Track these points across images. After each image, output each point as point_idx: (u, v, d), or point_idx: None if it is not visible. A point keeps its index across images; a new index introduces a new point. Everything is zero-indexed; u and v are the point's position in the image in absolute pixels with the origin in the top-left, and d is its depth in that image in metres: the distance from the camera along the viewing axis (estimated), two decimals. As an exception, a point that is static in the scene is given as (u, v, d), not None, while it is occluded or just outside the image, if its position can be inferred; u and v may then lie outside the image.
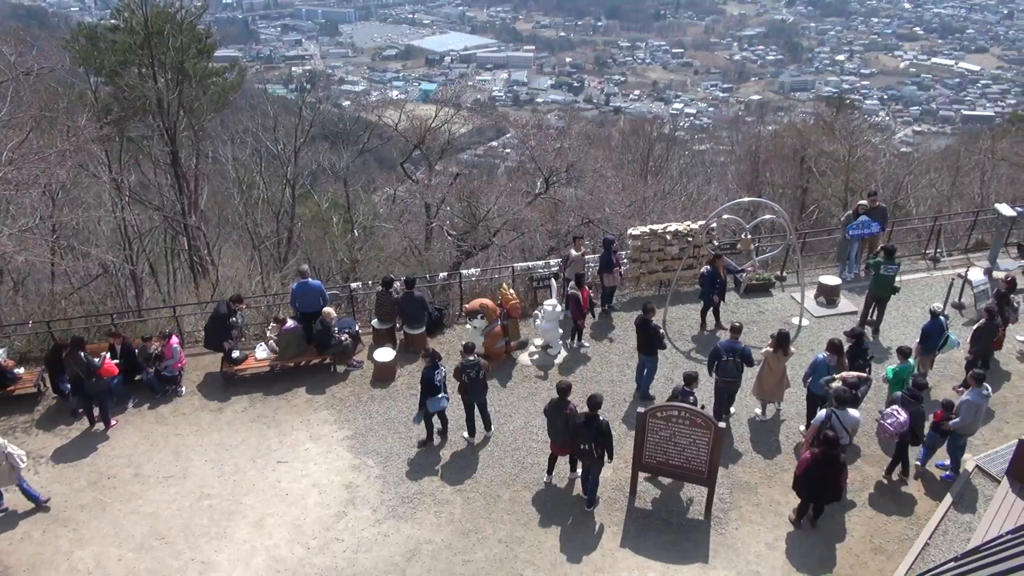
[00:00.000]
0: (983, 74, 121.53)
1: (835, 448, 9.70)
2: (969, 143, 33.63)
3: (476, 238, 21.59)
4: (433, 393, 11.62)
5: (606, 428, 10.37)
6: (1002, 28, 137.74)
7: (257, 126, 26.07)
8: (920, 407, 10.66)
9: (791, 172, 29.56)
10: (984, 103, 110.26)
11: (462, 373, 11.65)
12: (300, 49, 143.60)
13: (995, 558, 5.04)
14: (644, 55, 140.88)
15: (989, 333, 12.66)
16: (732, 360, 11.81)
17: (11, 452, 10.57)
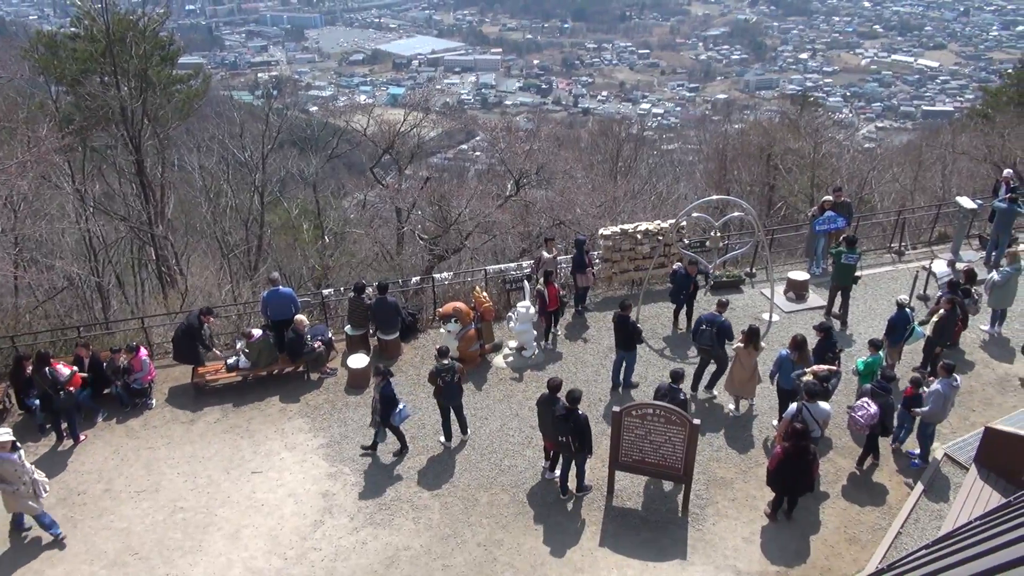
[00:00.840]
0: (941, 70, 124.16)
1: (804, 440, 9.84)
2: (930, 138, 34.29)
3: (448, 242, 21.55)
4: (395, 406, 11.54)
5: (584, 422, 10.48)
6: (959, 25, 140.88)
7: (224, 133, 25.77)
8: (889, 399, 10.86)
9: (758, 170, 29.91)
10: (943, 99, 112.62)
11: (437, 377, 11.63)
12: (266, 55, 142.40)
13: (966, 544, 5.15)
14: (611, 56, 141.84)
15: (951, 323, 12.92)
16: (709, 330, 12.48)
17: (37, 479, 10.20)
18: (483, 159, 47.76)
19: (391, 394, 11.45)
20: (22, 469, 10.00)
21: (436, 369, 11.69)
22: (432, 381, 11.77)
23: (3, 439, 9.94)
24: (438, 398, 11.94)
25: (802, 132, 28.00)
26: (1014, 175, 19.15)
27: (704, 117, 79.63)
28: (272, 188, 25.84)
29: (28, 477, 10.05)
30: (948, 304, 12.83)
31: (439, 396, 11.89)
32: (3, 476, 9.92)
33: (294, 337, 13.54)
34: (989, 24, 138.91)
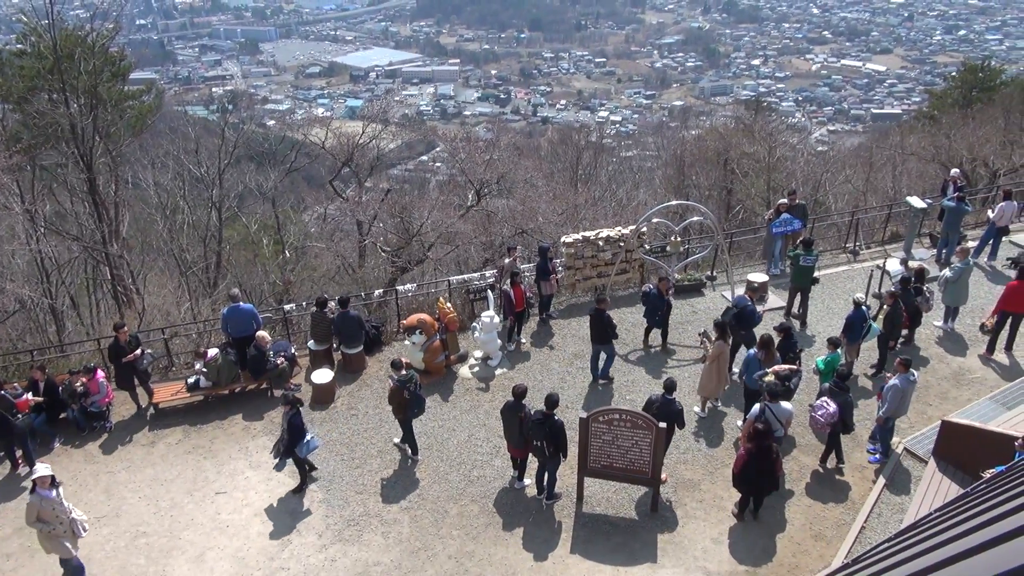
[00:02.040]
0: (889, 74, 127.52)
1: (767, 440, 9.99)
2: (880, 140, 35.22)
3: (410, 253, 21.46)
4: (303, 437, 11.19)
5: (560, 427, 10.54)
6: (904, 30, 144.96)
7: (178, 149, 25.37)
8: (847, 396, 11.07)
9: (715, 174, 30.36)
10: (892, 101, 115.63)
11: (403, 390, 11.53)
12: (220, 69, 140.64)
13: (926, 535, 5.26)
14: (568, 65, 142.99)
15: (897, 316, 13.22)
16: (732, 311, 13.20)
17: (76, 518, 9.73)
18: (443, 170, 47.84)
19: (300, 424, 11.13)
20: (60, 508, 9.55)
21: (400, 381, 11.55)
22: (396, 397, 11.59)
23: (42, 474, 9.45)
24: (402, 413, 11.78)
25: (757, 137, 28.51)
26: (961, 174, 19.74)
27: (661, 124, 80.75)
28: (230, 203, 25.48)
29: (66, 517, 9.59)
30: (891, 298, 13.16)
31: (404, 410, 11.74)
32: (41, 515, 9.45)
33: (256, 354, 13.34)
34: (933, 29, 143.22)
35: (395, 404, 11.71)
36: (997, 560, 2.87)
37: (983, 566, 2.94)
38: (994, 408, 12.17)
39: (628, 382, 13.82)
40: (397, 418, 11.92)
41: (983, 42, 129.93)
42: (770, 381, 11.06)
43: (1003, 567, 2.65)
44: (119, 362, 12.93)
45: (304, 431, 11.22)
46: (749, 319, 13.13)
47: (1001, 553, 3.01)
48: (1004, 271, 16.57)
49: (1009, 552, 2.93)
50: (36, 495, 9.42)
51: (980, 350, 14.15)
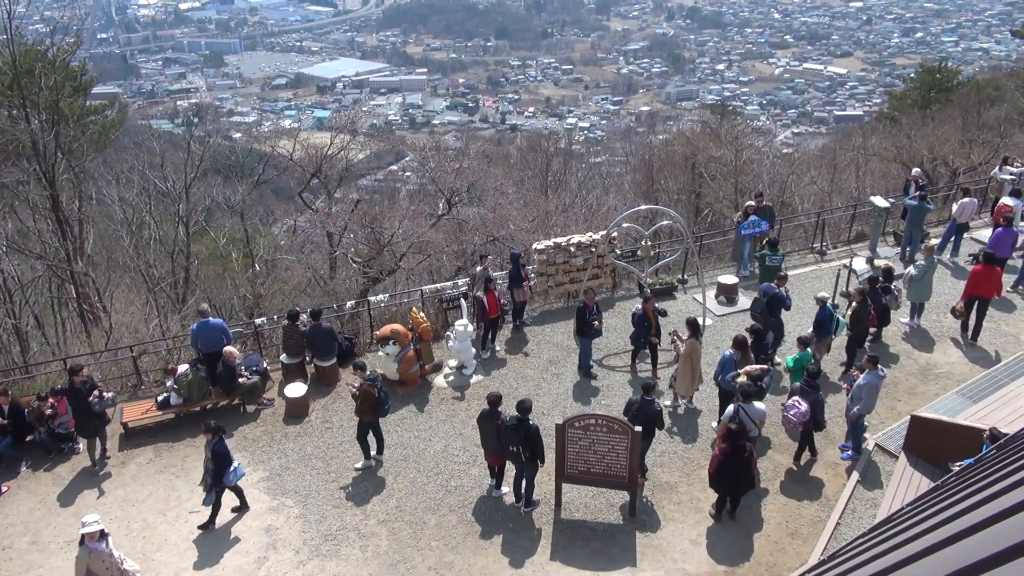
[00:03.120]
0: (850, 76, 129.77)
1: (738, 440, 10.07)
2: (843, 141, 35.82)
3: (382, 264, 21.35)
4: (229, 465, 10.85)
5: (535, 432, 10.53)
6: (863, 33, 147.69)
7: (144, 164, 24.99)
8: (818, 394, 11.24)
9: (684, 178, 30.66)
10: (853, 103, 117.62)
11: (374, 389, 11.53)
12: (185, 82, 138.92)
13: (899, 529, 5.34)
14: (535, 73, 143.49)
15: (864, 314, 13.44)
16: (761, 300, 13.55)
17: (127, 569, 9.46)
18: (413, 179, 47.71)
19: (224, 452, 10.78)
20: (111, 560, 9.30)
21: (369, 380, 11.59)
22: (369, 398, 11.50)
23: (91, 529, 9.18)
24: (372, 414, 11.72)
25: (723, 140, 28.85)
26: (922, 174, 20.15)
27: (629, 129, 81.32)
28: (197, 218, 25.14)
29: (117, 569, 9.33)
30: (859, 296, 13.38)
31: (375, 410, 11.68)
32: (91, 568, 9.18)
33: (224, 370, 13.17)
34: (891, 32, 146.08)
35: (367, 406, 11.61)
36: (968, 551, 2.92)
37: (954, 557, 2.99)
38: (961, 402, 12.41)
39: (604, 386, 13.87)
40: (365, 420, 11.80)
41: (939, 44, 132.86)
42: (743, 382, 11.17)
43: (973, 558, 2.70)
44: (78, 408, 12.03)
45: (230, 459, 10.88)
46: (780, 305, 13.49)
47: (971, 544, 3.07)
48: (967, 267, 16.92)
49: (979, 542, 2.99)
50: (85, 548, 9.18)
51: (947, 345, 14.43)
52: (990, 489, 4.13)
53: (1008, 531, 2.79)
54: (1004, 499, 3.53)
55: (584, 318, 13.59)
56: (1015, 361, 13.48)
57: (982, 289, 14.07)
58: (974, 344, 14.42)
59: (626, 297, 16.88)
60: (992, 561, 2.57)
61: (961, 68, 50.68)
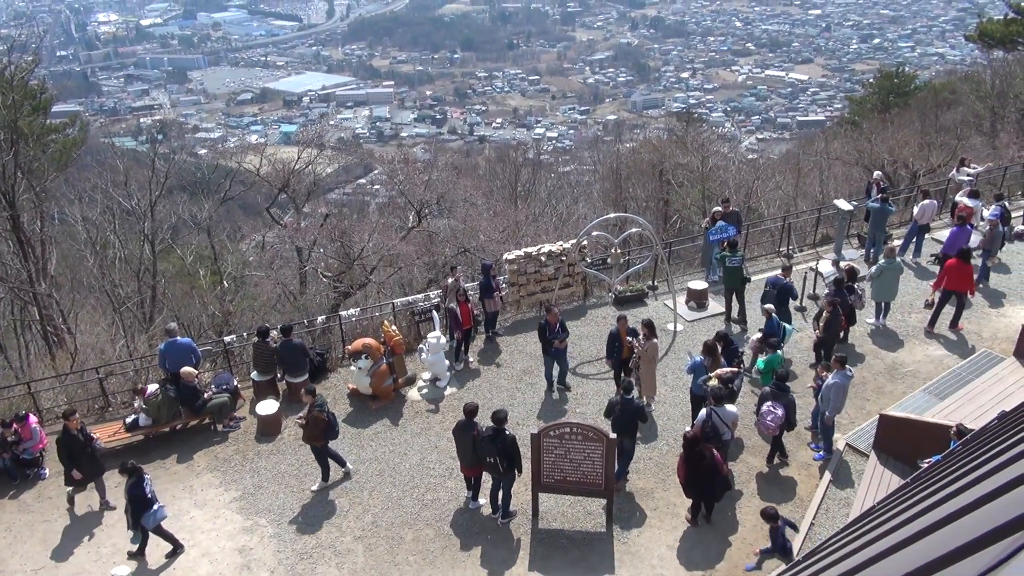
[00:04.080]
0: (811, 83, 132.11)
1: (695, 446, 10.11)
2: (806, 146, 36.45)
3: (353, 278, 21.22)
4: (148, 507, 10.37)
5: (512, 442, 10.53)
6: (822, 40, 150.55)
7: (107, 182, 24.60)
8: (789, 396, 11.38)
9: (652, 186, 30.92)
10: (815, 109, 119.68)
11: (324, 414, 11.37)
12: (148, 99, 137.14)
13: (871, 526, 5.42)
14: (502, 84, 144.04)
15: (835, 322, 13.63)
16: (772, 292, 13.95)
17: None
18: (383, 192, 47.54)
19: (140, 495, 10.26)
20: None
21: (319, 405, 11.41)
22: (320, 424, 11.28)
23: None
24: (320, 440, 11.48)
25: (689, 147, 29.18)
26: (883, 176, 20.56)
27: (597, 138, 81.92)
28: (163, 235, 24.80)
29: None
30: (830, 305, 13.57)
31: (322, 437, 11.44)
32: None
33: (184, 390, 12.93)
34: (849, 38, 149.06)
35: (318, 431, 11.33)
36: (938, 544, 2.97)
37: (925, 551, 3.04)
38: (928, 399, 12.64)
39: (578, 395, 13.90)
40: (316, 446, 11.57)
41: (896, 50, 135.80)
42: (714, 386, 11.27)
43: (944, 550, 2.75)
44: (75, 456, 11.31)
45: (150, 501, 10.36)
46: (788, 295, 14.13)
47: (941, 537, 3.13)
48: (929, 267, 17.28)
49: (949, 535, 3.04)
50: None
51: (913, 344, 14.69)
52: (958, 483, 4.21)
53: (976, 523, 2.85)
54: (971, 492, 3.60)
55: (545, 336, 13.44)
56: (978, 358, 13.76)
57: (953, 283, 14.46)
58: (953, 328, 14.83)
59: (597, 305, 16.95)
60: (961, 552, 2.62)
61: (918, 73, 51.89)
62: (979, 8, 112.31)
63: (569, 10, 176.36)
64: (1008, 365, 13.18)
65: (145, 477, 10.42)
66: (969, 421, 10.44)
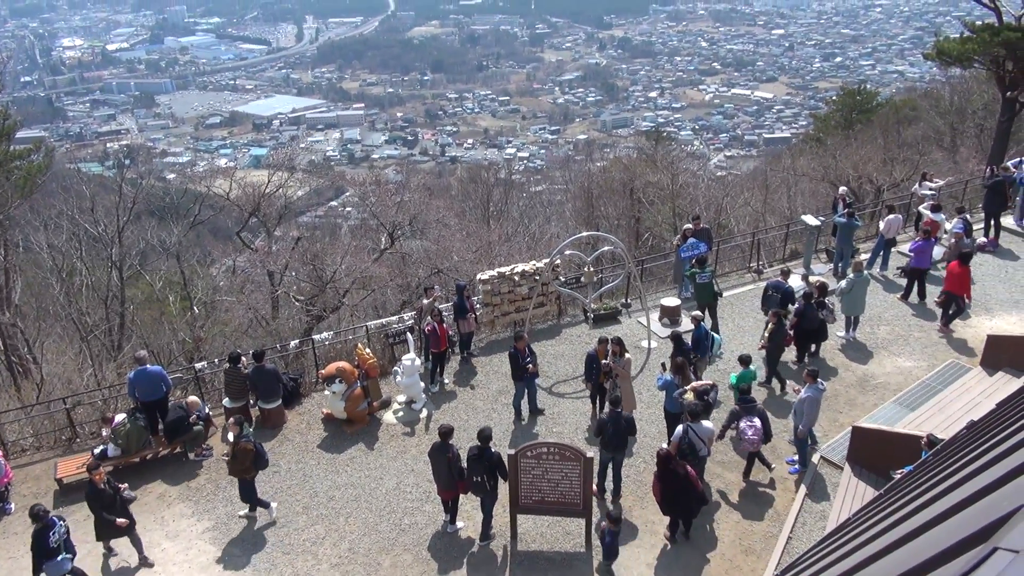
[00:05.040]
0: (776, 100, 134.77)
1: (669, 464, 10.13)
2: (773, 163, 37.06)
3: (325, 301, 21.07)
4: (51, 557, 9.62)
5: (498, 459, 10.55)
6: (786, 59, 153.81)
7: (73, 208, 24.23)
8: (759, 407, 11.52)
9: (623, 204, 31.19)
10: (781, 126, 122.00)
11: (253, 446, 11.13)
12: (114, 124, 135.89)
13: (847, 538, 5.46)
14: (473, 105, 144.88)
15: (779, 335, 13.79)
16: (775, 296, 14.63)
17: None
18: (355, 214, 47.38)
19: (44, 544, 9.55)
20: None
21: (245, 436, 11.13)
22: (248, 455, 10.97)
23: None
24: (253, 471, 11.24)
25: (659, 165, 29.53)
26: (848, 192, 20.94)
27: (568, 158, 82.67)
28: (131, 262, 24.45)
29: None
30: (774, 317, 13.74)
31: (251, 468, 11.19)
32: None
33: (177, 419, 12.74)
34: (812, 57, 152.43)
35: (247, 463, 11.05)
36: (913, 554, 3.00)
37: (901, 560, 3.07)
38: (899, 411, 12.82)
39: (554, 414, 13.88)
40: (246, 479, 11.27)
41: (858, 68, 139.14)
42: (690, 401, 11.34)
43: (919, 559, 2.78)
44: (101, 513, 10.52)
45: (55, 551, 9.64)
46: (789, 299, 14.83)
47: (916, 546, 3.16)
48: (896, 280, 17.59)
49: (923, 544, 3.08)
50: None
51: (882, 356, 14.90)
52: (929, 494, 4.27)
53: (948, 533, 2.89)
54: (943, 502, 3.65)
55: (517, 363, 13.27)
56: (946, 368, 14.01)
57: (954, 286, 15.05)
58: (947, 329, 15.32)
59: (572, 324, 17.00)
60: (936, 561, 2.65)
61: (879, 90, 53.12)
62: (936, 27, 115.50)
63: (538, 32, 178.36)
64: (975, 375, 13.44)
65: (58, 526, 9.76)
66: (939, 431, 10.61)
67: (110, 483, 10.66)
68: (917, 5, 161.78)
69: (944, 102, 36.36)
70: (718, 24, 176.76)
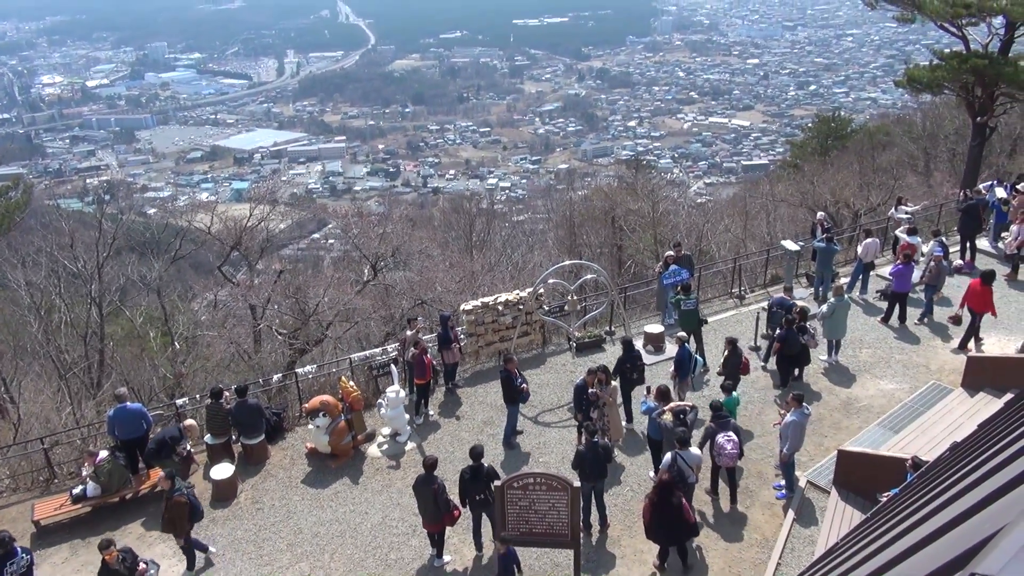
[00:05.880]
0: (753, 128, 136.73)
1: (668, 493, 10.06)
2: (752, 189, 37.51)
3: (308, 334, 20.94)
4: None
5: (493, 472, 10.65)
6: (761, 88, 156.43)
7: (51, 245, 24.01)
8: (733, 421, 11.65)
9: (605, 232, 31.38)
10: (758, 153, 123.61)
11: (187, 497, 10.77)
12: (94, 160, 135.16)
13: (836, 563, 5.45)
14: (454, 136, 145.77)
15: (734, 362, 13.81)
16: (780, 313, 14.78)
17: None
18: (337, 246, 47.37)
19: None
20: None
21: (177, 490, 10.66)
22: (181, 509, 10.57)
23: None
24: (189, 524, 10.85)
25: (640, 193, 29.79)
26: (826, 216, 21.23)
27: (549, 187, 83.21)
28: (111, 298, 24.21)
29: None
30: (728, 345, 13.83)
31: (188, 520, 10.80)
32: None
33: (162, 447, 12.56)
34: (787, 85, 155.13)
35: (181, 517, 10.67)
36: (898, 581, 3.01)
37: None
38: (883, 433, 12.88)
39: (540, 443, 13.81)
40: (183, 533, 10.91)
41: (832, 95, 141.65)
42: (669, 423, 11.38)
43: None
44: None
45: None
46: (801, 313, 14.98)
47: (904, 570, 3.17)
48: (876, 303, 17.76)
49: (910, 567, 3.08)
50: None
51: (865, 379, 14.99)
52: (914, 517, 4.28)
53: (931, 556, 2.90)
54: (927, 525, 3.66)
55: (511, 385, 13.28)
56: (928, 390, 14.12)
57: (974, 304, 15.20)
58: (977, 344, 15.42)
59: (556, 352, 16.99)
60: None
61: (853, 117, 54.15)
62: (906, 55, 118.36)
63: (517, 64, 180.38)
64: (957, 396, 13.55)
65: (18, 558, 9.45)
66: (923, 453, 10.66)
67: (124, 561, 9.94)
68: (887, 34, 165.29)
69: (917, 127, 37.08)
70: (694, 54, 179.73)
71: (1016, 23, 22.96)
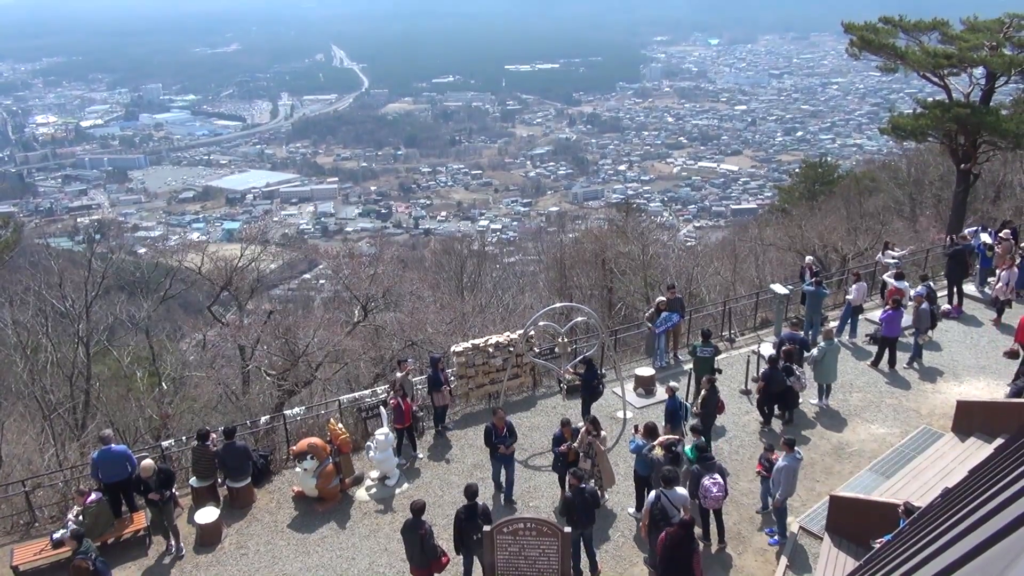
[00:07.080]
0: (741, 173, 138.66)
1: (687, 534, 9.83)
2: (741, 233, 37.89)
3: (297, 375, 20.80)
4: None
5: (486, 510, 10.55)
6: (749, 133, 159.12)
7: (40, 284, 23.88)
8: (718, 463, 11.60)
9: (595, 274, 31.52)
10: (747, 197, 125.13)
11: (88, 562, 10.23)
12: (86, 199, 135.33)
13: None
14: (446, 178, 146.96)
15: (712, 402, 13.74)
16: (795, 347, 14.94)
17: None
18: (328, 287, 47.29)
19: None
20: None
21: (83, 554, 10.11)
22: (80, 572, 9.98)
23: None
24: None
25: (630, 236, 30.02)
26: (815, 260, 21.41)
27: (540, 229, 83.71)
28: (99, 337, 24.03)
29: None
30: (707, 383, 13.77)
31: None
32: None
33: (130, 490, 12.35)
34: (774, 132, 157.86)
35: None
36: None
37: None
38: (875, 479, 12.82)
39: (530, 488, 13.67)
40: None
41: (818, 141, 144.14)
42: (659, 460, 11.31)
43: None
44: None
45: None
46: (805, 347, 15.55)
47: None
48: (866, 347, 17.83)
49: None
50: None
51: (856, 424, 14.97)
52: (907, 566, 4.25)
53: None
54: (923, 572, 3.64)
55: (491, 440, 12.95)
56: (919, 435, 14.11)
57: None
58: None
59: (547, 395, 16.92)
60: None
61: (840, 162, 55.06)
62: (890, 104, 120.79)
63: (509, 108, 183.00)
64: (947, 441, 13.54)
65: None
66: (915, 498, 10.61)
67: None
68: (871, 83, 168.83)
69: (902, 173, 37.69)
70: (683, 100, 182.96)
71: (996, 74, 23.55)
